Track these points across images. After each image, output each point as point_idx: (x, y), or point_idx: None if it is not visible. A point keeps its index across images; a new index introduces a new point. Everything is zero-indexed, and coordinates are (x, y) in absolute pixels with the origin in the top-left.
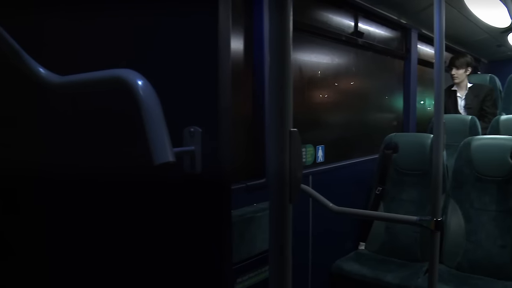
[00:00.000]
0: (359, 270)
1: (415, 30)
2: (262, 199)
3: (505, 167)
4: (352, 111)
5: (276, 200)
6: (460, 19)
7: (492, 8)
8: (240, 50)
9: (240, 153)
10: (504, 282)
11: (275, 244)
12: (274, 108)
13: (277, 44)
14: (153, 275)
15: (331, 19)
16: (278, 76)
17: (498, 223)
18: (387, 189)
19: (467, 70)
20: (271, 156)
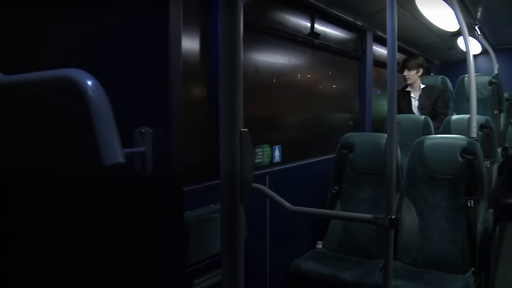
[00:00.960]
0: (316, 268)
1: (370, 32)
2: (219, 199)
3: (456, 165)
4: (309, 111)
5: (227, 200)
6: (413, 22)
7: (443, 13)
8: (196, 50)
9: (198, 153)
10: (455, 275)
11: (226, 244)
12: (225, 108)
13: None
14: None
15: (287, 20)
16: (228, 77)
17: (450, 219)
18: (343, 188)
19: (419, 71)
20: (223, 157)
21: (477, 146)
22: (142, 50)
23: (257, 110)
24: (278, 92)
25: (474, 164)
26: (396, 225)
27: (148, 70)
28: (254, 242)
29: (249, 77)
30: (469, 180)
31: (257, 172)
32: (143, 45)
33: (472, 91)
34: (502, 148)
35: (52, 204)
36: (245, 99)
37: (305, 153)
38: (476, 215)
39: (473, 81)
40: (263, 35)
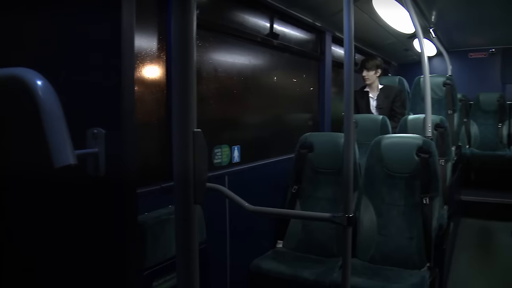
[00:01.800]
0: (277, 268)
1: (329, 33)
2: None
3: (412, 164)
4: (269, 112)
5: (181, 201)
6: (371, 24)
7: (399, 15)
8: (154, 50)
9: (156, 154)
10: (411, 271)
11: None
12: (178, 109)
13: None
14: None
15: (247, 20)
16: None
17: (406, 217)
18: (303, 187)
19: (377, 72)
20: (176, 157)
21: (432, 145)
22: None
23: (216, 110)
24: (238, 92)
25: (429, 163)
26: (354, 223)
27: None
28: (214, 242)
29: (208, 77)
30: (424, 178)
31: (216, 173)
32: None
33: (426, 92)
34: (456, 147)
35: (3, 205)
36: (204, 99)
37: (264, 153)
38: (431, 212)
39: (428, 82)
40: (223, 35)
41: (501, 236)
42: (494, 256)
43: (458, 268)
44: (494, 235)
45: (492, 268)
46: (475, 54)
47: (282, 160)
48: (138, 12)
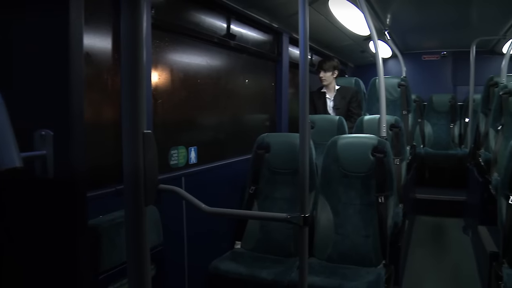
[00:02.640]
0: (235, 269)
1: (286, 34)
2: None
3: (367, 164)
4: (226, 112)
5: (131, 203)
6: (328, 25)
7: (356, 18)
8: (108, 50)
9: (112, 156)
10: (368, 268)
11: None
12: (127, 110)
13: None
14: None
15: (203, 21)
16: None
17: (362, 216)
18: (260, 188)
19: (334, 73)
20: (125, 159)
21: (387, 145)
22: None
23: (172, 111)
24: (195, 93)
25: (384, 162)
26: (309, 223)
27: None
28: (171, 244)
29: (165, 78)
30: (379, 177)
31: (173, 174)
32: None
33: (381, 93)
34: (410, 147)
35: None
36: (160, 100)
37: (222, 154)
38: (386, 210)
39: (382, 83)
40: (179, 36)
41: (453, 232)
42: (446, 252)
43: (413, 264)
44: (446, 231)
45: (444, 263)
46: (428, 57)
47: (239, 161)
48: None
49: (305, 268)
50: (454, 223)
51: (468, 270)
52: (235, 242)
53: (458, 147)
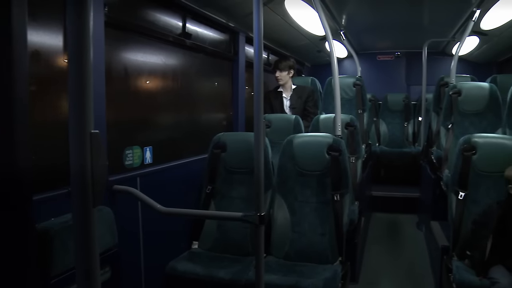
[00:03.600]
0: (192, 269)
1: (242, 34)
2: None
3: (323, 162)
4: (182, 112)
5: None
6: (284, 25)
7: (312, 18)
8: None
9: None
10: (324, 266)
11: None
12: (74, 109)
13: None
14: None
15: (158, 19)
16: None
17: (318, 214)
18: (217, 187)
19: (290, 72)
20: (72, 160)
21: (342, 143)
22: None
23: (126, 111)
24: (150, 93)
25: (339, 160)
26: (265, 221)
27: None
28: (127, 246)
29: (118, 77)
30: (335, 175)
31: (127, 175)
32: None
33: (336, 92)
34: (366, 145)
35: None
36: (114, 100)
37: (178, 154)
38: (342, 208)
39: (337, 83)
40: (133, 34)
41: (407, 228)
42: (401, 247)
43: (369, 260)
44: (401, 227)
45: (399, 259)
46: (382, 57)
47: (196, 161)
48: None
49: (261, 267)
50: (408, 219)
51: (421, 264)
52: (192, 242)
53: (412, 145)
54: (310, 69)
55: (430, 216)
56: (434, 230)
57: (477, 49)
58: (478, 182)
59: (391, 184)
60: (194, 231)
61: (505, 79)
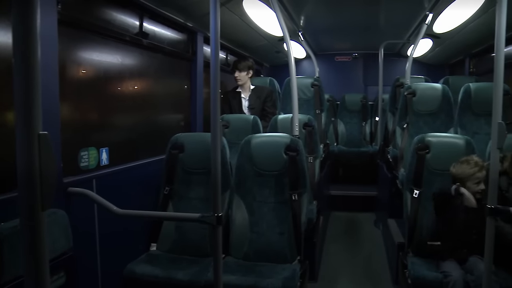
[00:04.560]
0: (151, 271)
1: (201, 34)
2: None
3: (281, 162)
4: (140, 112)
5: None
6: (243, 26)
7: (270, 18)
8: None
9: None
10: (283, 265)
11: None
12: (21, 110)
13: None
14: None
15: (114, 18)
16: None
17: (277, 213)
18: (175, 188)
19: (249, 73)
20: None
21: (299, 143)
22: None
23: (81, 111)
24: (106, 93)
25: (297, 160)
26: (223, 222)
27: None
28: (83, 249)
29: (72, 77)
30: (293, 175)
31: (83, 176)
32: None
33: (293, 93)
34: (324, 145)
35: None
36: (68, 100)
37: (135, 155)
38: (300, 207)
39: (294, 83)
40: (88, 33)
41: (365, 226)
42: (359, 245)
43: (328, 258)
44: (359, 225)
45: (358, 256)
46: (340, 58)
47: (154, 162)
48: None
49: (219, 268)
50: (366, 217)
51: (379, 261)
52: (151, 244)
53: (370, 144)
54: (269, 70)
55: (387, 214)
56: (390, 228)
57: (430, 51)
58: (432, 180)
59: (349, 183)
60: (152, 233)
61: (457, 81)
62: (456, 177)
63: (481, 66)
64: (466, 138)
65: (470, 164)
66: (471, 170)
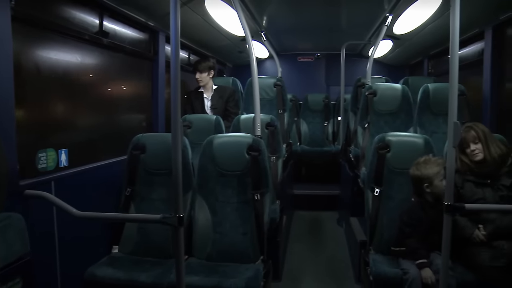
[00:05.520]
0: (113, 274)
1: (162, 33)
2: None
3: (243, 162)
4: (100, 113)
5: None
6: (205, 25)
7: (233, 18)
8: None
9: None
10: (246, 265)
11: None
12: None
13: None
14: None
15: (73, 16)
16: None
17: (240, 213)
18: (137, 189)
19: (210, 73)
20: None
21: (261, 143)
22: None
23: (39, 112)
24: (65, 93)
25: (259, 160)
26: (185, 223)
27: None
28: (41, 253)
29: (29, 77)
30: (255, 175)
31: (41, 179)
32: None
33: (255, 93)
34: (286, 144)
35: None
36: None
37: (96, 156)
38: (262, 207)
39: (256, 83)
40: (45, 31)
41: (328, 225)
42: (323, 244)
43: (292, 258)
44: (323, 224)
45: (321, 255)
46: (303, 58)
47: (115, 163)
48: None
49: (182, 269)
50: (329, 216)
51: (342, 259)
52: (113, 246)
53: (332, 144)
54: (232, 70)
55: (349, 213)
56: (353, 226)
57: (391, 52)
58: (392, 178)
59: (312, 183)
60: (114, 235)
61: (416, 81)
62: (423, 177)
63: (439, 67)
64: (424, 137)
65: (433, 163)
66: (436, 168)
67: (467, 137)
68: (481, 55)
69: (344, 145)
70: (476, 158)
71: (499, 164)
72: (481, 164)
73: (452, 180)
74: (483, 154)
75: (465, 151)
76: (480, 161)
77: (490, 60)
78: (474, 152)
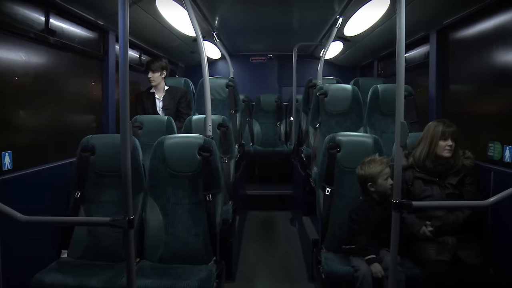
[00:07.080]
0: (61, 280)
1: (112, 32)
2: None
3: (194, 163)
4: (48, 113)
5: None
6: (156, 25)
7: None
8: None
9: None
10: (199, 266)
11: None
12: None
13: None
14: None
15: (16, 12)
16: None
17: (192, 214)
18: (86, 192)
19: (162, 73)
20: None
21: (213, 144)
22: None
23: None
24: (8, 93)
25: (210, 161)
26: (134, 225)
27: None
28: None
29: None
30: (206, 176)
31: None
32: None
33: (206, 93)
34: (239, 145)
35: None
36: None
37: (43, 158)
38: (214, 208)
39: (207, 84)
40: None
41: (281, 225)
42: (276, 243)
43: (245, 258)
44: (276, 224)
45: (275, 254)
46: (255, 59)
47: (64, 165)
48: None
49: (132, 272)
50: (282, 215)
51: (295, 258)
52: (61, 251)
53: (285, 144)
54: (184, 70)
55: (302, 212)
56: (305, 225)
57: (341, 53)
58: (343, 177)
59: (265, 183)
60: (63, 239)
61: (366, 82)
62: (367, 177)
63: (388, 68)
64: (374, 137)
65: (377, 163)
66: (380, 168)
67: (451, 131)
68: (428, 57)
69: (296, 145)
70: (446, 154)
71: (451, 165)
72: (441, 160)
73: (400, 178)
74: (452, 153)
75: (438, 142)
76: (445, 158)
77: (435, 62)
78: (449, 147)
